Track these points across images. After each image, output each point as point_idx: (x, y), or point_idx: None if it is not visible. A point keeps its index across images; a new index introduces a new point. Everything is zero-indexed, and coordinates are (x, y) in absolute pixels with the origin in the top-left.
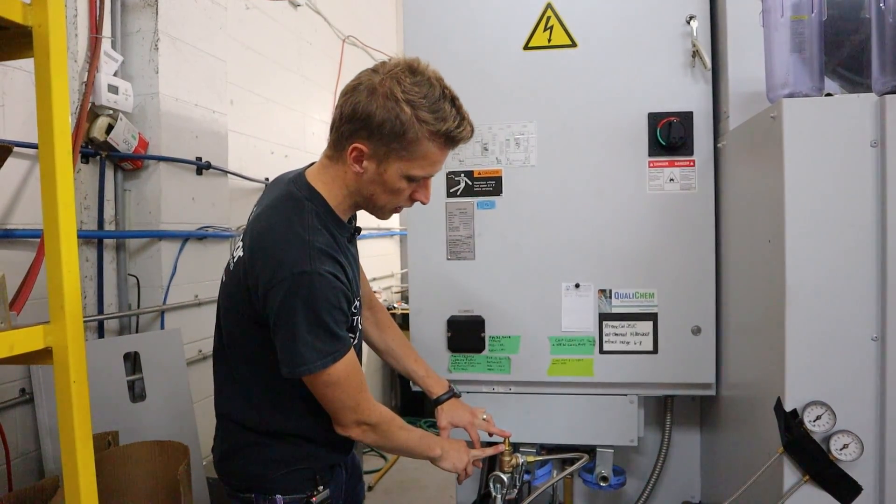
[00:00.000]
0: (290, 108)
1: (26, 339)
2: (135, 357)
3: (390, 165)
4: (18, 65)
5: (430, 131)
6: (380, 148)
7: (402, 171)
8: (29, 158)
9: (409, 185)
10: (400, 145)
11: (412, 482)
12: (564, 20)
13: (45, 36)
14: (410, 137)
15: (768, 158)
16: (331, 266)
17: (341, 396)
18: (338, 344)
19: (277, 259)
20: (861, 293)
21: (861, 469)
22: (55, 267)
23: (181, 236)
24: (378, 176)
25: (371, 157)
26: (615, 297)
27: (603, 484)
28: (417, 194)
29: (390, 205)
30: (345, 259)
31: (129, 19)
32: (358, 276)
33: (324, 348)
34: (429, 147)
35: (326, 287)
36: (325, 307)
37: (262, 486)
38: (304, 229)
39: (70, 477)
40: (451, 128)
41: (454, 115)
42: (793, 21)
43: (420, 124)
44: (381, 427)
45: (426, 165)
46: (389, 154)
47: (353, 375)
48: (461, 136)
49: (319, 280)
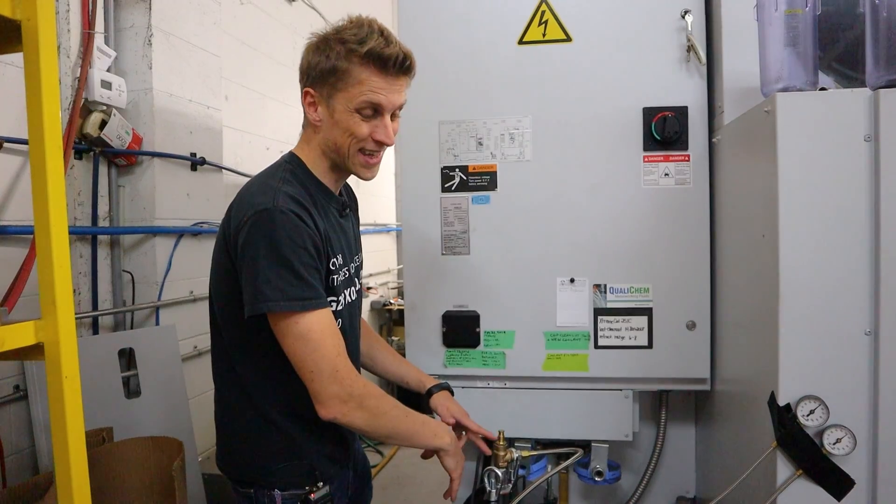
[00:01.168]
0: (285, 103)
1: (17, 334)
2: (129, 353)
3: (336, 102)
4: (10, 60)
5: (357, 56)
6: (323, 89)
7: (347, 105)
8: (21, 154)
9: (363, 122)
10: (335, 77)
11: (409, 478)
12: (559, 15)
13: (34, 30)
14: (342, 67)
15: (762, 153)
16: (296, 208)
17: (316, 358)
18: (308, 290)
19: (246, 202)
20: (855, 288)
21: (854, 463)
22: (46, 262)
23: (176, 232)
24: (331, 118)
25: (320, 100)
26: (610, 291)
27: (598, 478)
28: (377, 133)
29: (354, 150)
30: (325, 220)
31: (122, 14)
32: (353, 249)
33: (290, 291)
34: (361, 72)
35: (289, 224)
36: (288, 245)
37: (260, 481)
38: (276, 181)
39: (62, 473)
40: (375, 46)
41: (380, 38)
42: (787, 15)
43: (347, 53)
44: (370, 402)
45: (365, 91)
46: (332, 92)
47: (329, 336)
48: (388, 53)
49: (281, 217)
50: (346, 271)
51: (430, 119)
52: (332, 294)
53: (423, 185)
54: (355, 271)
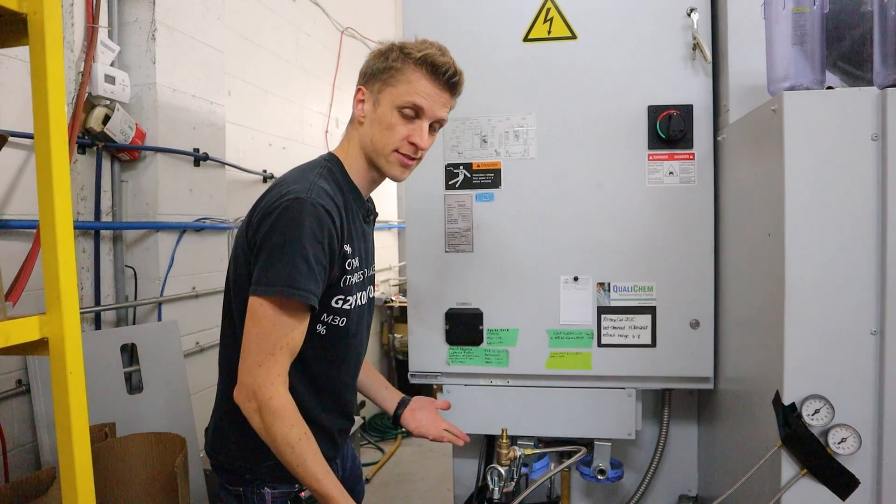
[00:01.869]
0: (288, 99)
1: (22, 329)
2: (132, 348)
3: (383, 98)
4: (14, 53)
5: (413, 59)
6: (374, 84)
7: (392, 101)
8: (24, 148)
9: (401, 122)
10: (387, 75)
11: (409, 475)
12: (564, 12)
13: (40, 23)
14: (397, 66)
15: (769, 152)
16: (328, 203)
17: (254, 338)
18: (305, 282)
19: (282, 191)
20: (860, 287)
21: (859, 463)
22: (51, 257)
23: (178, 228)
24: (374, 112)
25: (369, 96)
26: (614, 290)
27: (600, 477)
28: (413, 136)
29: (388, 145)
30: (351, 224)
31: (126, 9)
32: (369, 255)
33: (299, 280)
34: (412, 73)
35: (316, 217)
36: (310, 236)
37: (250, 478)
38: (314, 175)
39: (66, 468)
40: (431, 53)
41: (436, 49)
42: (794, 13)
43: (404, 55)
44: (267, 415)
45: (411, 91)
46: (382, 88)
47: (279, 326)
48: (440, 61)
49: (311, 208)
50: (360, 275)
51: None
52: (343, 293)
53: (426, 182)
54: (370, 279)
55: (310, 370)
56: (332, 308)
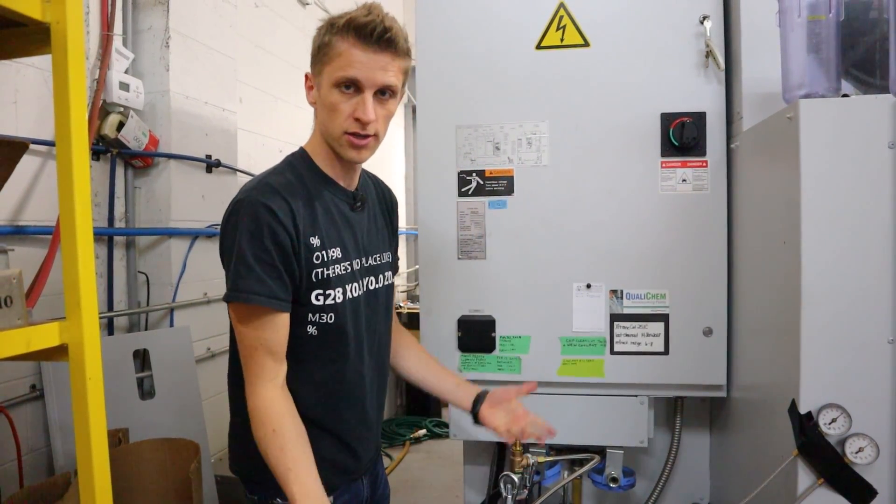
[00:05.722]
0: (298, 106)
1: (42, 335)
2: (144, 354)
3: (323, 80)
4: (30, 62)
5: (337, 27)
6: (315, 67)
7: (329, 79)
8: (41, 155)
9: (343, 99)
10: (322, 54)
11: (418, 481)
12: (577, 20)
13: (62, 32)
14: (328, 41)
15: (784, 159)
16: (270, 199)
17: (239, 345)
18: (252, 284)
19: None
20: (877, 295)
21: (877, 472)
22: (71, 263)
23: (191, 234)
24: (321, 98)
25: (314, 80)
26: (626, 297)
27: (612, 485)
28: (357, 111)
29: (336, 127)
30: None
31: (140, 17)
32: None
33: (239, 283)
34: (341, 44)
35: (252, 216)
36: (247, 237)
37: (263, 487)
38: (268, 172)
39: (85, 474)
40: (354, 17)
41: (363, 11)
42: (810, 21)
43: (330, 26)
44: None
45: (344, 65)
46: (321, 70)
47: (248, 328)
48: (364, 21)
49: (247, 208)
50: (346, 266)
51: (448, 123)
52: (320, 287)
53: (439, 189)
54: (370, 270)
55: (312, 375)
56: (315, 306)
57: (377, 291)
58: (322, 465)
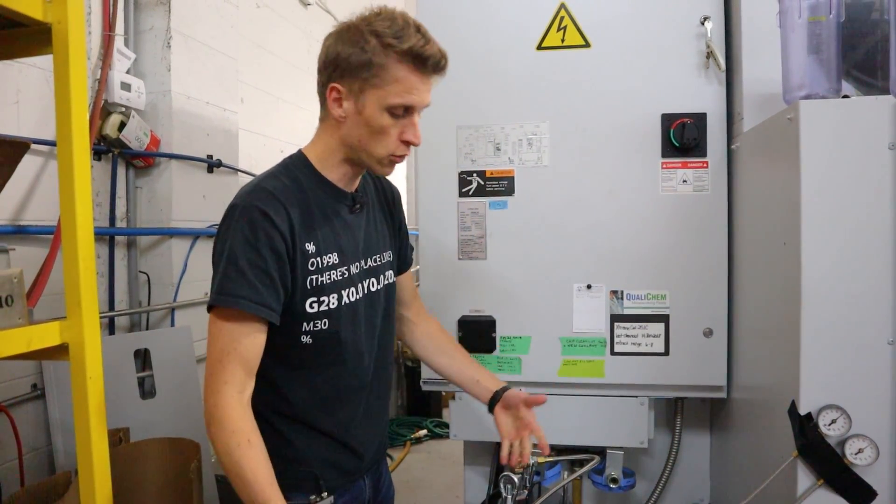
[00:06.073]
0: (299, 106)
1: (43, 334)
2: (145, 354)
3: (367, 99)
4: (33, 62)
5: (396, 52)
6: (353, 83)
7: (380, 102)
8: (42, 155)
9: (393, 122)
10: (370, 73)
11: (418, 482)
12: (578, 20)
13: (64, 32)
14: (379, 62)
15: (784, 160)
16: (265, 204)
17: (209, 350)
18: (242, 288)
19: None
20: (877, 296)
21: (876, 473)
22: (72, 263)
23: (192, 234)
24: (358, 115)
25: (348, 95)
26: (627, 298)
27: (613, 485)
28: (406, 134)
29: (381, 149)
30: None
31: (142, 17)
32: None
33: (226, 286)
34: (399, 70)
35: (247, 221)
36: (240, 242)
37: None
38: (263, 176)
39: (85, 473)
40: (415, 44)
41: (418, 35)
42: (810, 22)
43: (385, 49)
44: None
45: (401, 91)
46: (364, 87)
47: (224, 334)
48: (428, 52)
49: (242, 213)
50: (343, 271)
51: (448, 123)
52: (314, 294)
53: (440, 189)
54: (370, 272)
55: (308, 379)
56: (310, 314)
57: (378, 292)
58: (321, 466)
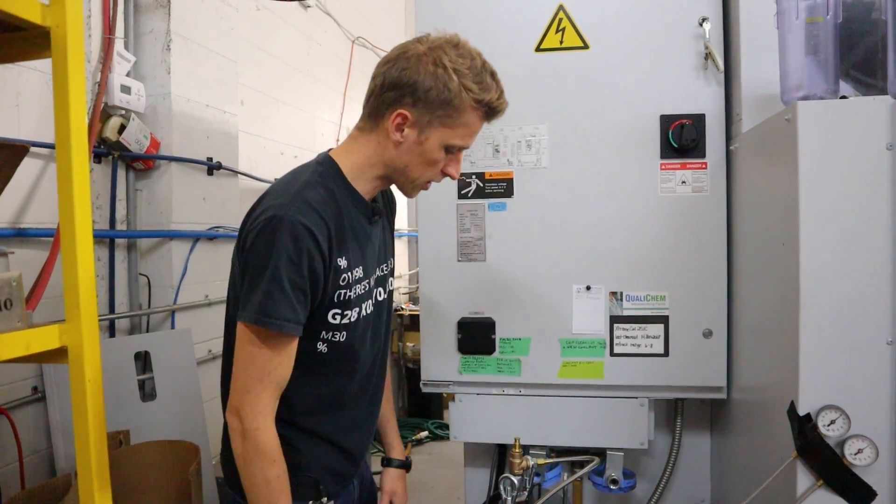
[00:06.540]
0: (299, 108)
1: (42, 338)
2: (145, 356)
3: (432, 133)
4: (32, 65)
5: (474, 100)
6: (424, 115)
7: (443, 140)
8: (42, 158)
9: (444, 157)
10: (445, 113)
11: (419, 484)
12: (576, 22)
13: (62, 36)
14: (456, 105)
15: (782, 161)
16: (308, 219)
17: (241, 362)
18: (282, 310)
19: (266, 203)
20: (876, 296)
21: (876, 474)
22: (71, 266)
23: (192, 236)
24: (417, 145)
25: (414, 124)
26: (626, 299)
27: (613, 487)
28: (449, 168)
29: (423, 177)
30: (348, 231)
31: (142, 20)
32: (379, 257)
33: (271, 307)
34: (471, 116)
35: (291, 238)
36: (285, 260)
37: None
38: (299, 183)
39: (85, 475)
40: (492, 99)
41: (495, 87)
42: (808, 23)
43: (466, 93)
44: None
45: (466, 135)
46: (433, 122)
47: (264, 353)
48: (500, 107)
49: (288, 227)
50: (366, 284)
51: None
52: (339, 307)
53: (439, 191)
54: (379, 281)
55: (316, 387)
56: (331, 324)
57: (384, 301)
58: (322, 473)
